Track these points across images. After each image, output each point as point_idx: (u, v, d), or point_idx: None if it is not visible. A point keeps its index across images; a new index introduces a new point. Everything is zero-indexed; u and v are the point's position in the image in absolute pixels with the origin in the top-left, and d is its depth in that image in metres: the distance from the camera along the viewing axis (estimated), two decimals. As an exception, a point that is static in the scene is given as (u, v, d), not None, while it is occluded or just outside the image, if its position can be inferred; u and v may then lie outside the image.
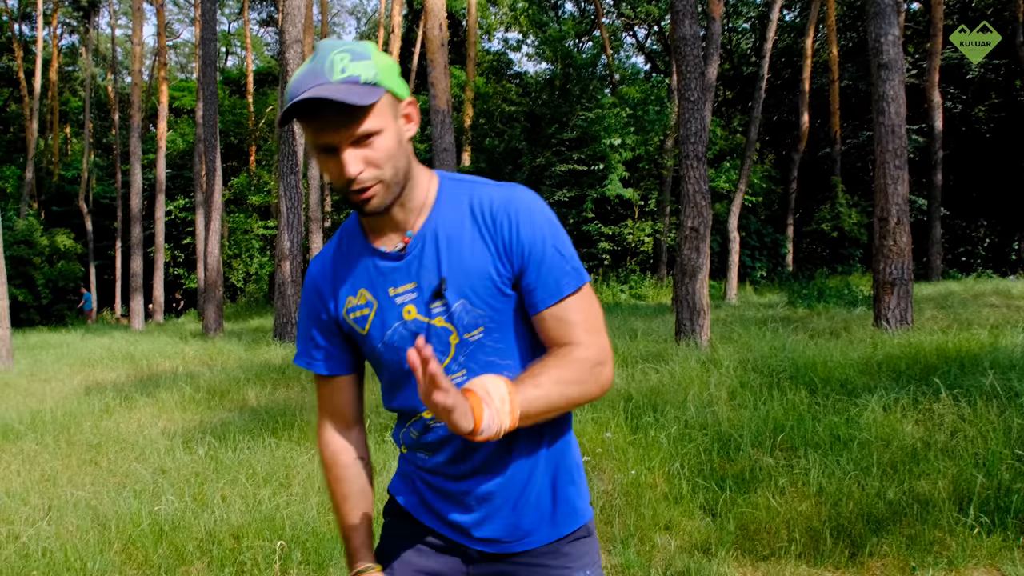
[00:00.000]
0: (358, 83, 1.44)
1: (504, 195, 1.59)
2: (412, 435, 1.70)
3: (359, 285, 1.64)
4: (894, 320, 10.26)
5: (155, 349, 13.44)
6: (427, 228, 1.59)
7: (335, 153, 1.48)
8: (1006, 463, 4.65)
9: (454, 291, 1.56)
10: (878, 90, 10.67)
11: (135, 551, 4.19)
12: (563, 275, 1.58)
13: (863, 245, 29.88)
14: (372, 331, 1.64)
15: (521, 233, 1.56)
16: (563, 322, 1.57)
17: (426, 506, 1.72)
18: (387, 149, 1.49)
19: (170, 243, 35.96)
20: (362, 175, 1.48)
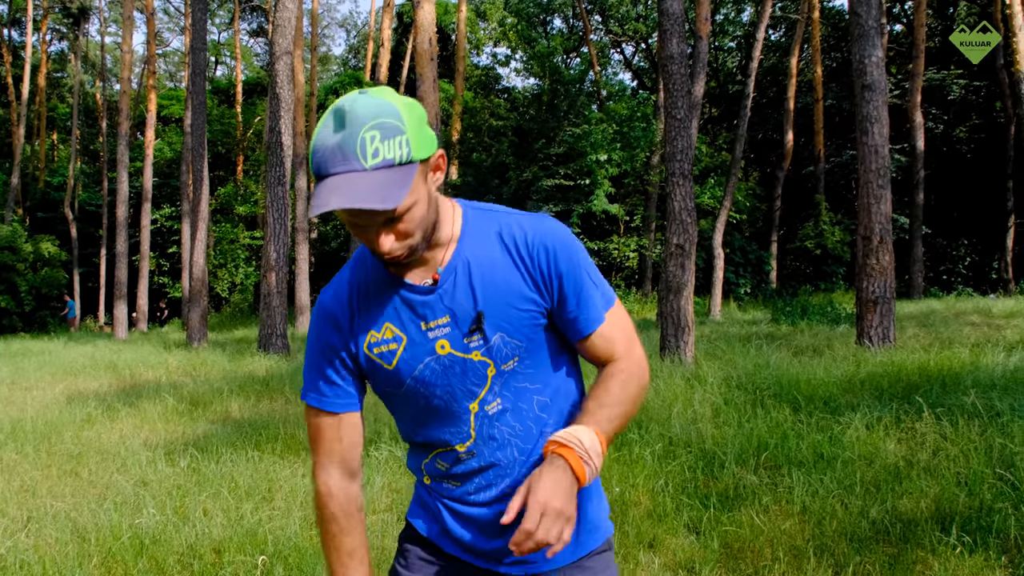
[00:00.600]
0: (392, 167, 1.38)
1: (536, 226, 1.60)
2: (440, 467, 1.67)
3: (384, 319, 1.59)
4: (877, 338, 10.33)
5: (138, 358, 13.34)
6: (457, 260, 1.57)
7: (365, 228, 1.45)
8: (988, 482, 4.68)
9: (491, 324, 1.56)
10: (862, 111, 10.77)
11: (115, 565, 4.15)
12: (599, 299, 1.64)
13: (846, 263, 30.10)
14: (400, 366, 1.59)
15: (560, 265, 1.58)
16: (606, 340, 1.65)
17: (449, 536, 1.70)
18: (419, 219, 1.46)
19: (155, 252, 35.79)
20: (394, 247, 1.46)
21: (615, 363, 1.66)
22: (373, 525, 4.65)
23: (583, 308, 1.62)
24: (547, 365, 1.65)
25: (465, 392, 1.59)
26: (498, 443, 1.62)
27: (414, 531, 1.76)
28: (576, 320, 1.62)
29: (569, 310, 1.61)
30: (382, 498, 5.12)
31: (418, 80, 11.57)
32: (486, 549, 1.67)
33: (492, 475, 1.63)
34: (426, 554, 1.72)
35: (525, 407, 1.62)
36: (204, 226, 17.34)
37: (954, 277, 32.99)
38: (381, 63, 29.30)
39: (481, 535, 1.66)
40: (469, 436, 1.62)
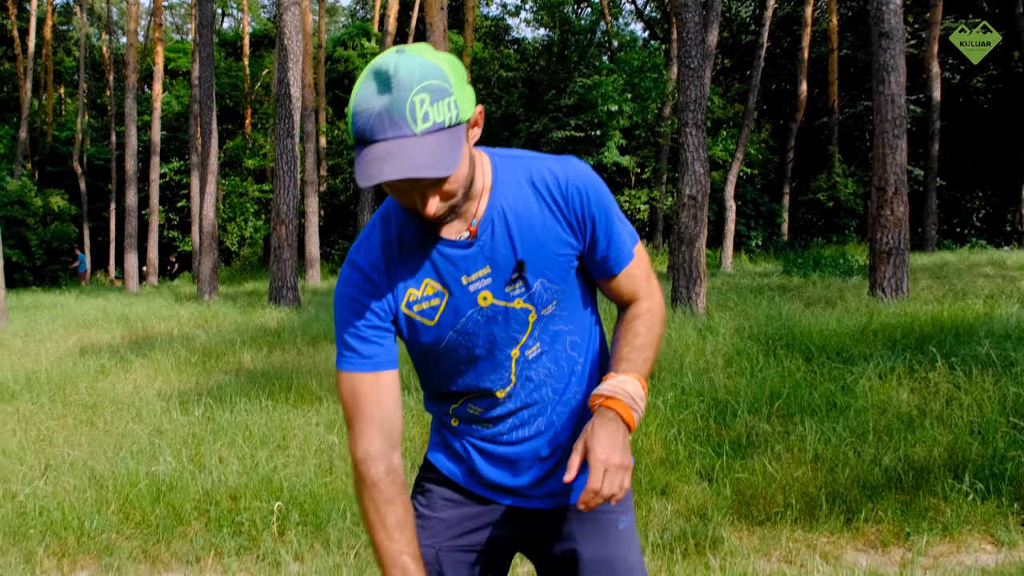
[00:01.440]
0: (443, 130, 1.34)
1: (566, 169, 1.58)
2: (472, 411, 1.66)
3: (423, 276, 1.55)
4: (890, 289, 10.28)
5: (150, 311, 13.40)
6: (492, 211, 1.54)
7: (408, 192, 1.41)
8: (1001, 431, 4.68)
9: (532, 271, 1.55)
10: (878, 59, 10.60)
11: (132, 511, 4.20)
12: (626, 238, 1.66)
13: (859, 215, 29.87)
14: (443, 321, 1.57)
15: (592, 207, 1.58)
16: (631, 279, 1.68)
17: (476, 475, 1.70)
18: (463, 178, 1.43)
19: (164, 206, 35.73)
20: (440, 210, 1.43)
21: (639, 303, 1.71)
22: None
23: (613, 248, 1.63)
24: (578, 305, 1.67)
25: (507, 339, 1.59)
26: (535, 384, 1.63)
27: (435, 471, 1.74)
28: (607, 259, 1.64)
29: (600, 250, 1.62)
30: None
31: (428, 30, 11.41)
32: (514, 486, 1.68)
33: (527, 415, 1.64)
34: (450, 493, 1.71)
35: (560, 348, 1.64)
36: (213, 179, 17.28)
37: (968, 230, 32.73)
38: (389, 13, 28.88)
39: (511, 473, 1.67)
40: (509, 381, 1.62)
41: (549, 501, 1.69)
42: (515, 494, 1.69)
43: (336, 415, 5.69)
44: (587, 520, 1.68)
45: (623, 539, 1.70)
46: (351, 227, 31.15)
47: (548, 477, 1.68)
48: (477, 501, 1.71)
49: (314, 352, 8.61)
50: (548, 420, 1.65)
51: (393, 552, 1.52)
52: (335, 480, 4.54)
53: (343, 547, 3.82)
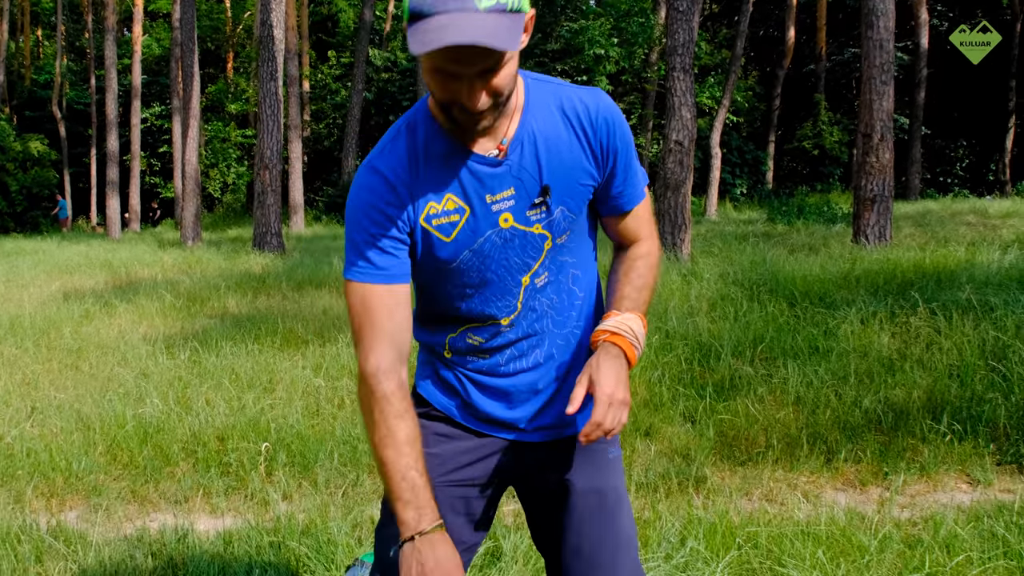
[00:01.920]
0: (506, 11, 1.29)
1: (596, 100, 1.57)
2: (472, 340, 1.63)
3: (445, 190, 1.51)
4: (873, 236, 10.33)
5: (133, 257, 13.32)
6: (523, 132, 1.51)
7: (456, 79, 1.34)
8: (979, 374, 4.75)
9: (555, 198, 1.54)
10: (868, 3, 10.52)
11: (120, 452, 4.22)
12: (641, 179, 1.66)
13: (843, 163, 29.89)
14: (460, 238, 1.53)
15: (617, 140, 1.57)
16: (638, 219, 1.69)
17: (470, 408, 1.68)
18: (510, 76, 1.38)
19: (146, 151, 35.25)
20: (485, 105, 1.37)
21: (640, 244, 1.71)
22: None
23: (629, 184, 1.63)
24: (584, 239, 1.66)
25: (521, 265, 1.57)
26: (537, 314, 1.62)
27: (427, 405, 1.71)
28: (622, 195, 1.63)
29: (617, 185, 1.61)
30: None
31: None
32: (509, 419, 1.67)
33: (526, 345, 1.63)
34: (443, 428, 1.69)
35: (563, 280, 1.63)
36: (196, 124, 17.04)
37: (951, 179, 32.84)
38: (374, -46, 28.41)
39: (507, 405, 1.67)
40: (515, 309, 1.60)
41: (543, 434, 1.69)
42: (510, 428, 1.68)
43: (323, 358, 5.70)
44: (580, 451, 1.69)
45: (613, 469, 1.72)
46: (335, 173, 30.90)
47: (543, 410, 1.68)
48: (471, 435, 1.69)
49: (299, 297, 8.59)
50: (546, 352, 1.65)
51: (402, 466, 1.48)
52: (322, 422, 4.57)
53: (331, 487, 3.86)
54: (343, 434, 4.33)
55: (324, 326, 6.83)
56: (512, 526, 3.29)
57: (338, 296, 8.38)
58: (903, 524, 3.36)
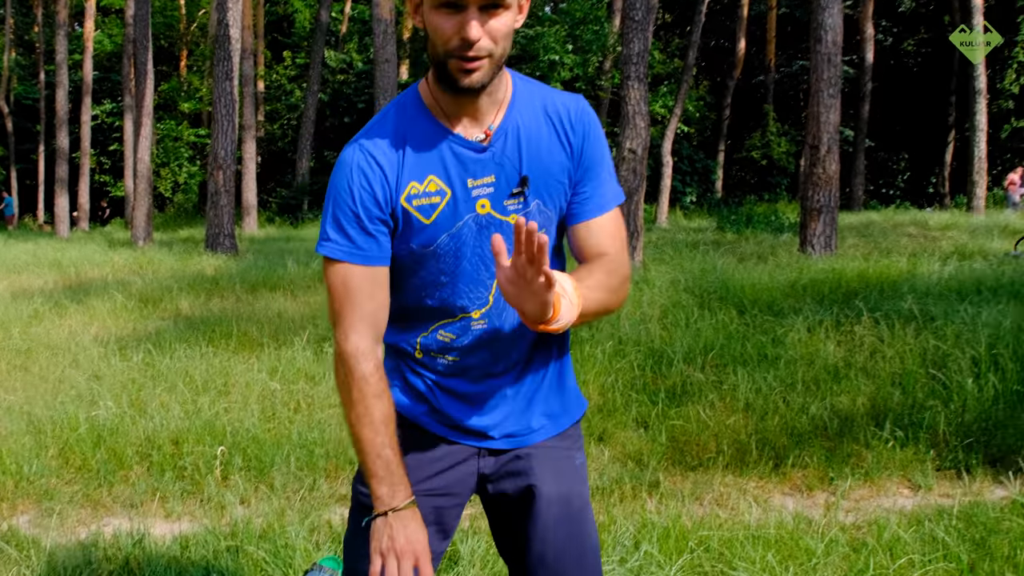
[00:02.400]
0: None
1: (578, 104, 1.62)
2: (442, 338, 1.64)
3: (428, 171, 1.53)
4: (819, 246, 10.58)
5: (83, 256, 13.07)
6: (508, 123, 1.55)
7: (459, 10, 1.39)
8: (920, 382, 4.91)
9: (533, 190, 1.56)
10: (817, 18, 10.78)
11: (72, 456, 4.17)
12: (611, 190, 1.65)
13: (791, 174, 30.47)
14: (439, 221, 1.54)
15: (593, 143, 1.61)
16: (604, 232, 1.63)
17: (438, 413, 1.69)
18: (507, 27, 1.43)
19: (96, 149, 34.50)
20: (480, 43, 1.40)
21: (603, 256, 1.65)
22: (328, 419, 4.72)
23: (598, 191, 1.63)
24: (554, 242, 1.67)
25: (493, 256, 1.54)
26: (507, 313, 1.62)
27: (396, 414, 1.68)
28: (590, 200, 1.63)
29: (586, 189, 1.62)
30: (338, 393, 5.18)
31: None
32: (477, 427, 1.68)
33: (495, 346, 1.64)
34: (413, 436, 1.69)
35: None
36: (149, 122, 16.79)
37: (893, 190, 33.67)
38: (330, -44, 28.25)
39: (475, 410, 1.68)
40: (487, 302, 1.61)
41: (510, 441, 1.70)
42: (478, 435, 1.69)
43: (278, 362, 5.68)
44: (546, 457, 1.71)
45: (578, 475, 1.74)
46: (289, 174, 30.61)
47: (511, 417, 1.69)
48: (439, 443, 1.70)
49: (253, 300, 8.53)
50: (515, 357, 1.66)
51: (377, 444, 1.51)
52: (278, 426, 4.56)
53: (287, 491, 3.86)
54: (299, 438, 4.33)
55: (279, 329, 6.80)
56: (469, 530, 3.33)
57: (292, 299, 8.34)
58: (848, 528, 3.47)
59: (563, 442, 1.73)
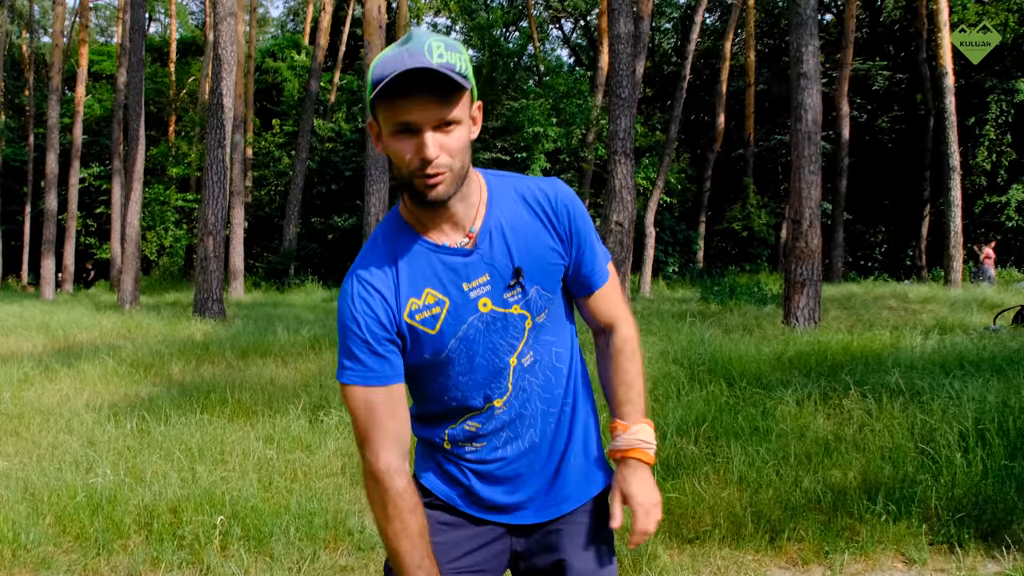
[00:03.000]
0: (454, 71, 1.47)
1: (555, 188, 1.73)
2: (469, 428, 1.72)
3: (423, 285, 1.62)
4: (803, 318, 10.73)
5: (70, 320, 13.01)
6: (489, 222, 1.65)
7: (414, 134, 1.50)
8: (910, 456, 4.98)
9: (528, 278, 1.66)
10: (797, 98, 11.11)
11: (70, 524, 4.15)
12: (603, 254, 1.79)
13: (771, 245, 30.91)
14: (445, 329, 1.63)
15: (578, 223, 1.72)
16: (608, 299, 1.81)
17: (472, 496, 1.76)
18: (461, 141, 1.54)
19: (82, 211, 34.57)
20: (438, 160, 1.50)
21: (617, 331, 1.82)
22: (326, 489, 4.73)
23: (595, 264, 1.76)
24: (563, 317, 1.77)
25: (506, 346, 1.67)
26: (527, 395, 1.72)
27: (430, 495, 1.78)
28: (592, 275, 1.76)
29: (585, 264, 1.75)
30: (334, 463, 5.20)
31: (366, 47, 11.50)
32: (512, 503, 1.75)
33: (519, 427, 1.72)
34: (446, 516, 1.76)
35: (548, 358, 1.73)
36: (139, 187, 16.93)
37: (871, 263, 34.18)
38: (322, 27, 28.82)
39: (508, 490, 1.75)
40: (507, 390, 1.69)
41: (542, 514, 1.77)
42: (512, 511, 1.76)
43: (273, 430, 5.69)
44: (575, 532, 1.77)
45: (608, 548, 1.82)
46: (276, 240, 30.74)
47: (543, 491, 1.76)
48: (473, 523, 1.76)
49: (244, 366, 8.53)
50: (539, 432, 1.74)
51: (417, 557, 1.60)
52: (276, 495, 4.56)
53: (287, 562, 3.86)
54: (298, 508, 4.33)
55: (272, 396, 6.81)
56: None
57: (283, 366, 8.36)
58: (846, 602, 3.51)
59: (592, 515, 1.80)
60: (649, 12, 16.58)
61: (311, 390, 6.95)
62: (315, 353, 9.15)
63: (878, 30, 34.86)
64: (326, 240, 29.47)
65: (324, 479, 4.91)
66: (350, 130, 30.35)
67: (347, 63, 36.97)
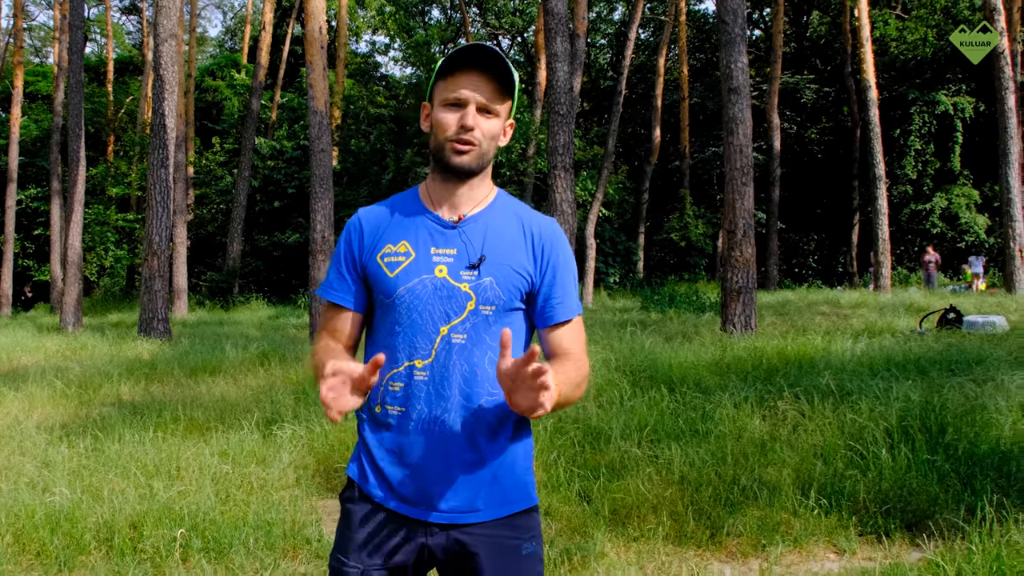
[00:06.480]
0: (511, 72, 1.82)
1: (550, 224, 1.99)
2: (392, 388, 1.88)
3: (402, 237, 1.91)
4: (740, 325, 11.08)
5: (12, 343, 12.76)
6: (480, 216, 1.92)
7: (461, 108, 1.83)
8: (840, 453, 5.25)
9: (487, 268, 1.87)
10: (728, 112, 11.48)
11: (29, 542, 4.18)
12: (575, 301, 1.97)
13: (708, 254, 31.55)
14: (400, 276, 1.87)
15: (558, 257, 1.94)
16: (573, 336, 1.95)
17: (383, 478, 1.89)
18: (494, 131, 1.87)
19: (19, 233, 33.78)
20: (474, 132, 1.83)
21: (571, 354, 1.91)
22: (282, 500, 4.84)
23: (564, 298, 1.94)
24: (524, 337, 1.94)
25: (442, 314, 1.85)
26: (448, 373, 1.85)
27: (353, 487, 1.94)
28: (558, 305, 1.93)
29: (554, 296, 1.93)
30: (289, 475, 5.30)
31: (308, 68, 11.56)
32: (416, 495, 1.86)
33: (435, 405, 1.85)
34: (368, 511, 1.90)
35: (479, 356, 1.86)
36: (80, 208, 16.69)
37: (805, 270, 35.09)
38: (262, 46, 28.68)
39: (412, 473, 1.86)
40: (429, 354, 1.85)
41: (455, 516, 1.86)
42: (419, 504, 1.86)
43: (227, 444, 5.77)
44: (492, 546, 1.85)
45: (524, 565, 1.89)
46: (219, 258, 30.41)
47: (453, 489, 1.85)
48: (395, 521, 1.88)
49: (194, 384, 8.53)
50: (453, 421, 1.85)
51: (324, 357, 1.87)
52: (234, 507, 4.65)
53: (247, 571, 3.96)
54: (256, 519, 4.44)
55: (224, 412, 6.86)
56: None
57: (233, 383, 8.38)
58: (781, 590, 3.74)
59: (508, 531, 1.89)
60: (584, 30, 16.94)
61: (263, 405, 7.02)
62: (264, 369, 9.19)
63: (805, 44, 35.94)
64: (271, 257, 29.27)
65: (280, 491, 5.01)
66: (292, 147, 30.24)
67: (287, 81, 36.82)
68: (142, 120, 33.53)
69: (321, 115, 11.44)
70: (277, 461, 5.42)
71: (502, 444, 1.89)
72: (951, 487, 4.72)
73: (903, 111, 30.57)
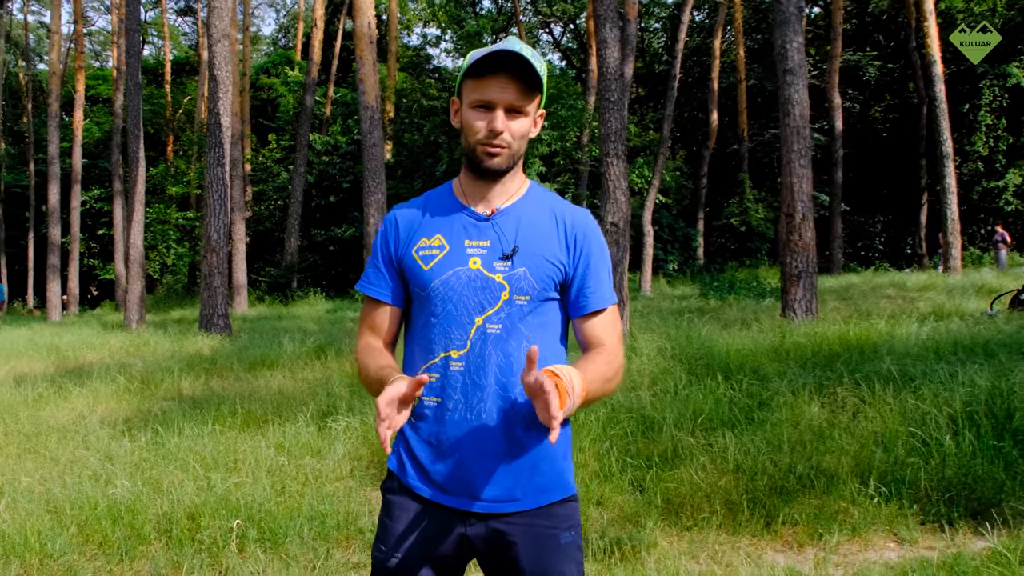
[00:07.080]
0: (536, 70, 1.82)
1: (583, 213, 2.01)
2: (430, 378, 1.88)
3: (437, 231, 1.94)
4: (800, 310, 10.87)
5: (79, 340, 13.18)
6: (513, 209, 1.95)
7: (489, 111, 1.84)
8: (902, 440, 5.12)
9: (520, 259, 1.89)
10: (784, 93, 11.25)
11: (92, 533, 4.31)
12: (609, 290, 1.98)
13: (770, 239, 30.99)
14: (435, 268, 1.90)
15: (590, 246, 1.96)
16: (606, 326, 1.97)
17: (422, 471, 1.91)
18: (523, 130, 1.89)
19: (84, 233, 34.87)
20: (503, 135, 1.85)
21: (604, 346, 1.93)
22: (336, 491, 4.90)
23: (597, 288, 1.95)
24: (546, 330, 1.93)
25: (477, 305, 1.88)
26: (484, 363, 1.86)
27: (394, 479, 1.96)
28: (593, 294, 1.94)
29: (588, 285, 1.94)
30: (343, 466, 5.37)
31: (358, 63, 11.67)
32: (456, 485, 1.88)
33: (472, 396, 1.87)
34: (409, 503, 1.92)
35: (514, 345, 1.87)
36: (141, 208, 17.12)
37: (871, 252, 34.27)
38: (314, 43, 29.05)
39: (451, 464, 1.88)
40: (465, 345, 1.87)
41: (493, 506, 1.87)
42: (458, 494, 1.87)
43: (283, 437, 5.87)
44: (529, 534, 1.87)
45: (562, 554, 1.88)
46: (277, 253, 30.94)
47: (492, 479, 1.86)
48: (435, 511, 1.89)
49: (252, 378, 8.70)
50: (490, 411, 1.86)
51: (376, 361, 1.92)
52: (289, 499, 4.73)
53: (302, 561, 4.02)
54: (310, 510, 4.50)
55: (281, 406, 6.98)
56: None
57: (291, 377, 8.53)
58: (838, 580, 3.66)
59: (547, 520, 1.89)
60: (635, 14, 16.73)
61: (319, 398, 7.12)
62: (321, 363, 9.32)
63: (866, 20, 35.01)
64: (327, 252, 29.66)
65: (335, 482, 5.08)
66: (346, 142, 30.57)
67: (340, 77, 37.21)
68: (199, 119, 34.25)
69: (372, 110, 11.52)
70: (332, 453, 5.49)
71: (539, 434, 1.89)
72: (1018, 474, 4.57)
73: (972, 86, 29.59)
